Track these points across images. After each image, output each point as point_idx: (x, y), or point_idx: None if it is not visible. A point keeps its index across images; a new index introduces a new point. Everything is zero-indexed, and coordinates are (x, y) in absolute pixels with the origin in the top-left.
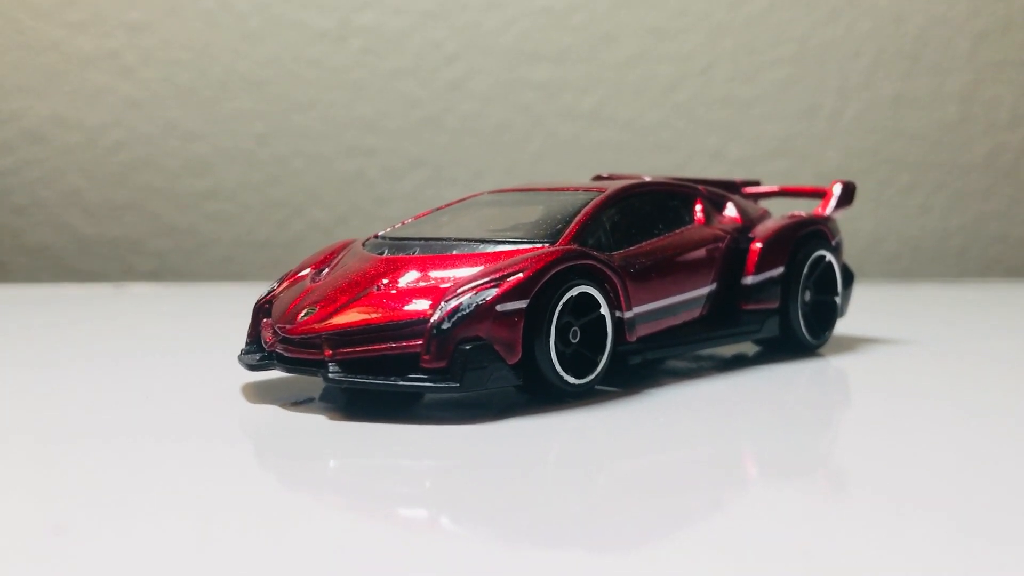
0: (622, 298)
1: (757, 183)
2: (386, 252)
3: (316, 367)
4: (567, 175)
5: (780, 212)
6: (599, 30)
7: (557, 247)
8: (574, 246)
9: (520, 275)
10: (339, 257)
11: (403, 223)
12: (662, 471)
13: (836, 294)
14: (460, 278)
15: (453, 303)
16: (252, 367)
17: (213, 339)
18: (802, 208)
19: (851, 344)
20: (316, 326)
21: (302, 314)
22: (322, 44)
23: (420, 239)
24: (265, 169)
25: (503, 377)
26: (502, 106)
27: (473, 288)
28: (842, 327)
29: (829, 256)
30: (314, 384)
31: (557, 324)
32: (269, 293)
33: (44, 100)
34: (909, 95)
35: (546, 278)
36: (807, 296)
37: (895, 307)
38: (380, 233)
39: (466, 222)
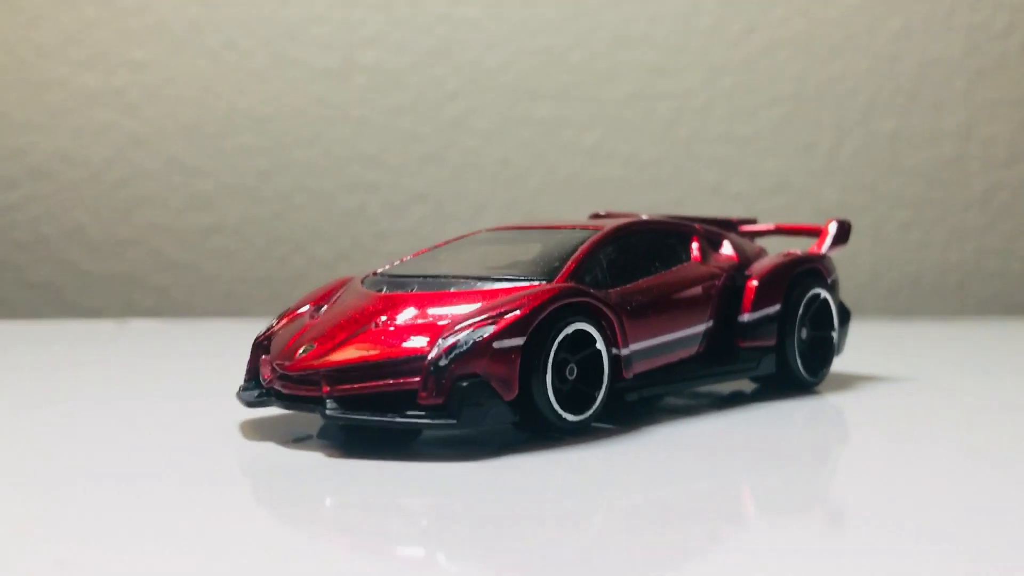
0: (619, 335)
1: (753, 221)
2: (384, 289)
3: (314, 404)
4: (567, 211)
5: (776, 250)
6: (598, 68)
7: (554, 284)
8: (571, 283)
9: (517, 312)
10: (338, 294)
11: (402, 260)
12: (659, 508)
13: (833, 331)
14: (457, 315)
15: (451, 340)
16: (250, 404)
17: (213, 375)
18: (798, 246)
19: (848, 382)
20: (314, 363)
21: (300, 351)
22: (325, 81)
23: (418, 276)
24: (267, 205)
25: (500, 414)
26: (503, 143)
27: (470, 325)
28: (839, 364)
29: (825, 294)
30: (312, 421)
31: (554, 361)
32: (268, 330)
33: (49, 136)
34: (906, 133)
35: (543, 315)
36: (803, 334)
37: (893, 344)
38: (379, 270)
39: (464, 260)
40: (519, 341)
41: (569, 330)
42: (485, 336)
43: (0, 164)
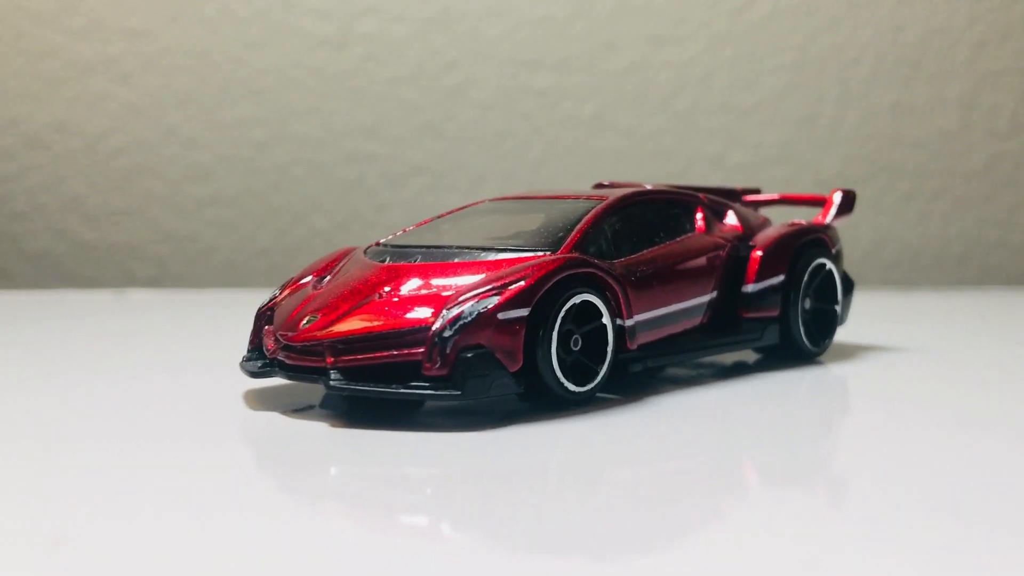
0: (623, 306)
1: (757, 191)
2: (388, 260)
3: (318, 374)
4: (567, 182)
5: (780, 220)
6: (599, 38)
7: (559, 255)
8: (576, 254)
9: (522, 283)
10: (341, 264)
11: (404, 231)
12: (663, 479)
13: (836, 302)
14: (462, 286)
15: (455, 311)
16: (254, 374)
17: (214, 346)
18: (802, 216)
19: (851, 352)
20: (318, 333)
21: (304, 321)
22: (322, 51)
23: (421, 247)
24: (265, 176)
25: (504, 385)
26: (502, 113)
27: (475, 296)
28: (842, 334)
29: (829, 264)
30: (314, 391)
31: (559, 332)
32: (271, 300)
33: (44, 106)
34: (908, 103)
35: (548, 286)
36: (807, 304)
37: (894, 314)
38: (381, 240)
39: (467, 230)
40: (524, 312)
41: (575, 301)
42: (490, 307)
43: None
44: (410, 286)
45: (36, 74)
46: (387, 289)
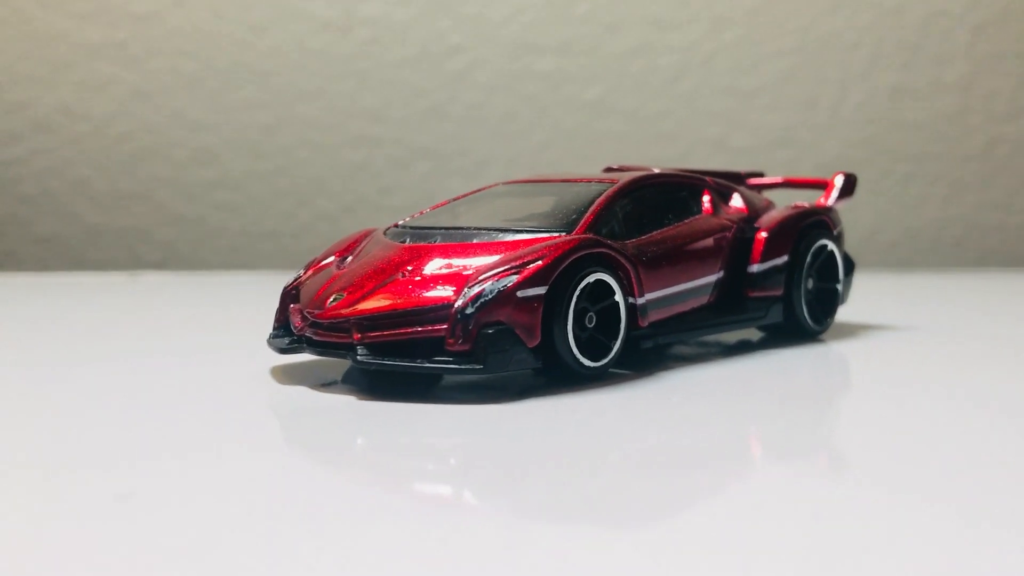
0: (635, 285)
1: (761, 174)
2: (408, 240)
3: (345, 350)
4: (571, 165)
5: (783, 202)
6: (602, 21)
7: (574, 236)
8: (590, 235)
9: (540, 263)
10: (362, 245)
11: (422, 212)
12: (672, 451)
13: (838, 282)
14: (481, 266)
15: (476, 289)
16: (283, 350)
17: (232, 325)
18: (804, 198)
19: (852, 330)
20: (344, 311)
21: (330, 300)
22: (327, 34)
23: (440, 228)
24: (271, 159)
25: (523, 360)
26: (506, 96)
27: (495, 275)
28: (843, 314)
29: (831, 245)
30: (338, 366)
31: (574, 309)
32: (296, 280)
33: (52, 90)
34: (908, 86)
35: (564, 265)
36: (810, 284)
37: (894, 295)
38: (400, 222)
39: (484, 212)
40: (542, 290)
41: (590, 279)
42: (509, 285)
43: (3, 118)
44: (432, 266)
45: (43, 58)
46: (410, 268)
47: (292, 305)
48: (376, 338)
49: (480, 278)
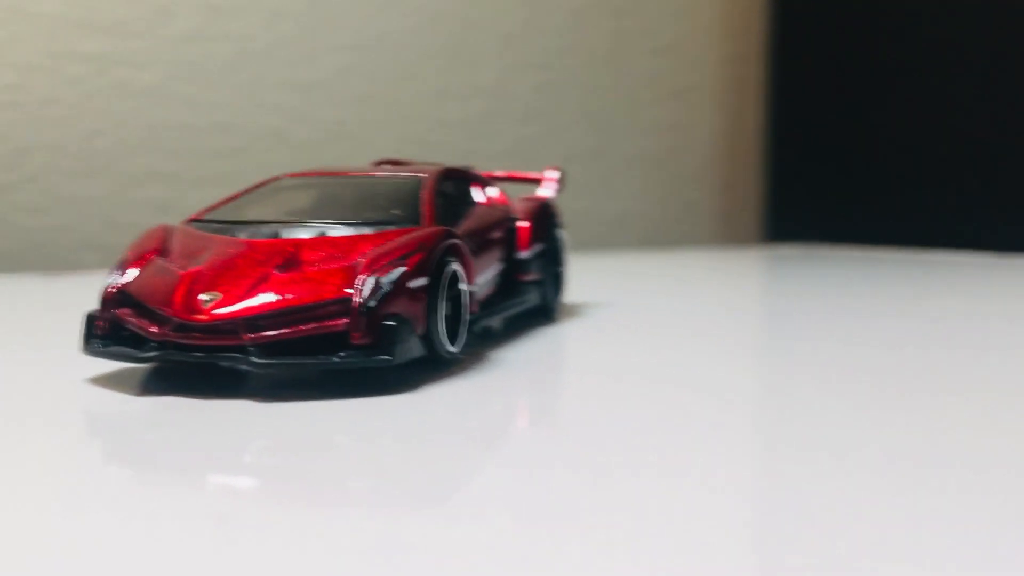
0: (471, 273)
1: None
2: (253, 236)
3: (234, 352)
4: (126, 154)
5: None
6: (155, 3)
7: (437, 228)
8: (445, 227)
9: (420, 254)
10: (181, 243)
11: (219, 205)
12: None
13: (563, 265)
14: (361, 259)
15: (373, 282)
16: (140, 360)
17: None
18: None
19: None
20: (229, 311)
21: (205, 300)
22: None
23: (276, 222)
24: None
25: (417, 348)
26: (48, 78)
27: (384, 268)
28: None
29: (564, 233)
30: (204, 370)
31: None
32: (114, 285)
33: None
34: (450, 88)
35: (437, 256)
36: (554, 268)
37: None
38: (206, 216)
39: (296, 206)
40: (424, 280)
41: (452, 268)
42: (401, 276)
43: None
44: (306, 260)
45: None
46: (280, 264)
47: (126, 310)
48: (268, 338)
49: (373, 270)
